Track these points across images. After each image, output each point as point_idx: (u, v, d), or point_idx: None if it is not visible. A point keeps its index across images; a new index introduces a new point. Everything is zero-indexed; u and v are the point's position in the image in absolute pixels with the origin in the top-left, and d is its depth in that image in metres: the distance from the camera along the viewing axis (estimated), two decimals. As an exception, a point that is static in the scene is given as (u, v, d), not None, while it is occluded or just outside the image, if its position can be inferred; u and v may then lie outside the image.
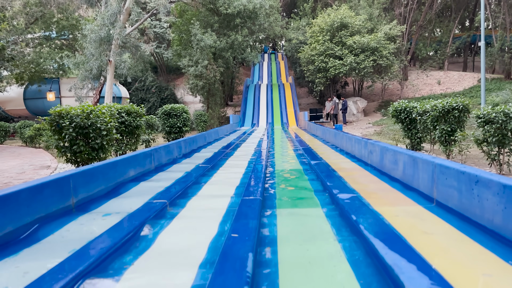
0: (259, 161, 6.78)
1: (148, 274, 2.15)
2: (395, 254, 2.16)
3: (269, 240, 2.71)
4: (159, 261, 2.34)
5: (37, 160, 10.88)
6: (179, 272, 2.15)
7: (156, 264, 2.28)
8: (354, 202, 3.45)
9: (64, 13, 23.61)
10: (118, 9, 17.65)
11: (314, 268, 2.20)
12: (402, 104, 9.32)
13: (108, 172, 4.35)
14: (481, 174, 2.76)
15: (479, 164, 7.59)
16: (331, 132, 10.07)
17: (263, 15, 23.83)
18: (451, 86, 27.55)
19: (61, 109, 6.18)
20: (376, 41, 22.18)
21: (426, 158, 3.71)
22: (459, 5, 33.53)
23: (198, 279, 2.04)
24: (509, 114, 6.00)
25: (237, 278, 1.89)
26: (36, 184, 3.03)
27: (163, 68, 34.33)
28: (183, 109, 12.83)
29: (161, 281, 2.05)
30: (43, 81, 23.53)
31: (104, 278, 2.12)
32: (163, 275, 2.13)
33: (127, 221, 3.10)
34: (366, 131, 18.26)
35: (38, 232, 2.85)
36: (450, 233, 2.69)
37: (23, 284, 1.96)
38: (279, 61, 37.24)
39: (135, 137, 8.82)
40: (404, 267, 1.98)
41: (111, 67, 17.94)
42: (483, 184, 2.71)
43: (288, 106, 24.73)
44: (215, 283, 1.87)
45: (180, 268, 2.21)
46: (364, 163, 6.07)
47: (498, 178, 2.57)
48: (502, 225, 2.46)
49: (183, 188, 4.41)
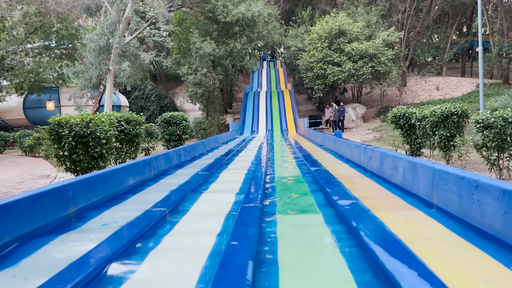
0: (259, 168, 6.77)
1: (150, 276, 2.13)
2: (396, 261, 2.15)
3: (269, 245, 2.70)
4: (161, 264, 2.33)
5: (37, 169, 10.86)
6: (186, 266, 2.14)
7: (158, 270, 2.27)
8: (354, 208, 3.44)
9: (63, 22, 23.74)
10: (118, 18, 17.75)
11: (314, 273, 2.19)
12: (401, 110, 9.34)
13: (108, 180, 4.34)
14: (480, 179, 2.76)
15: (479, 169, 7.58)
16: (331, 138, 10.07)
17: (261, 23, 23.97)
18: (450, 91, 27.63)
19: (60, 118, 6.19)
20: (374, 47, 22.29)
21: (426, 164, 3.70)
22: (456, 11, 33.73)
23: None
24: (508, 119, 6.01)
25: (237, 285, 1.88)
26: (35, 193, 3.02)
27: (162, 77, 34.43)
28: (182, 117, 12.84)
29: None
30: (43, 91, 23.58)
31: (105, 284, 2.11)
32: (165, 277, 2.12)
33: (127, 230, 3.09)
34: (366, 137, 18.27)
35: (36, 242, 2.84)
36: (451, 238, 2.68)
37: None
38: (278, 68, 37.36)
39: (135, 145, 8.82)
40: (405, 274, 1.96)
41: (110, 76, 17.99)
42: (483, 189, 2.70)
43: (288, 113, 24.77)
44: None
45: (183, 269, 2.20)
46: (363, 169, 6.06)
47: (498, 183, 2.56)
48: (503, 230, 2.45)
49: (183, 195, 4.40)
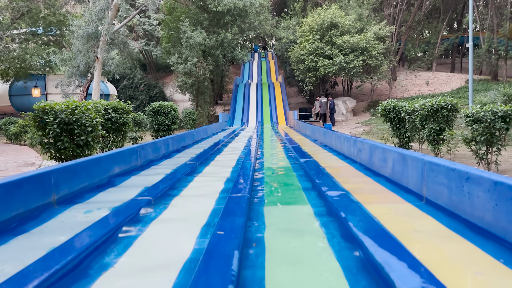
0: (248, 158, 6.70)
1: (130, 274, 2.06)
2: (385, 252, 2.10)
3: (256, 236, 2.64)
4: (144, 256, 2.25)
5: (22, 157, 10.64)
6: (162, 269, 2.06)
7: (141, 261, 2.19)
8: (343, 199, 3.39)
9: (51, 8, 23.17)
10: (106, 5, 17.39)
11: (302, 264, 2.14)
12: (391, 103, 9.33)
13: (92, 168, 4.23)
14: (471, 171, 2.72)
15: (467, 163, 7.62)
16: (320, 130, 10.04)
17: (253, 13, 23.74)
18: (439, 86, 27.80)
19: (45, 105, 6.03)
20: (365, 41, 22.26)
21: (416, 156, 3.67)
22: (447, 7, 33.85)
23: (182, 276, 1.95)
24: (497, 113, 6.02)
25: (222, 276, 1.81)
26: (15, 179, 2.91)
27: (152, 66, 34.00)
28: (171, 106, 12.67)
29: (142, 280, 1.96)
30: (29, 78, 23.10)
31: (84, 277, 2.02)
32: (146, 273, 2.04)
33: (111, 217, 3.00)
34: (355, 130, 18.31)
35: (17, 228, 2.74)
36: (440, 231, 2.65)
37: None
38: (269, 60, 37.17)
39: (122, 134, 8.67)
40: (395, 265, 1.92)
41: (98, 63, 17.67)
42: (473, 181, 2.67)
43: (278, 105, 24.68)
44: (199, 281, 1.79)
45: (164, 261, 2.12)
46: (353, 161, 6.03)
47: (489, 175, 2.53)
48: (493, 223, 2.42)
49: (170, 184, 4.31)
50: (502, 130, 6.13)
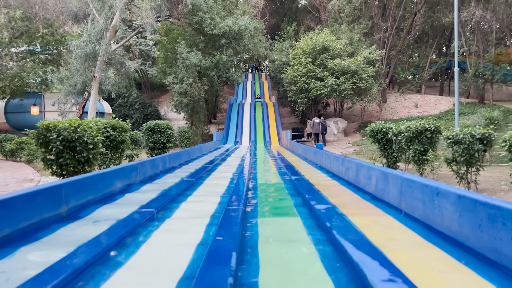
0: (242, 176, 7.02)
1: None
2: (363, 254, 2.44)
3: (251, 244, 2.96)
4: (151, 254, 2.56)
5: (19, 173, 10.85)
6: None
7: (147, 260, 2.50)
8: (330, 212, 3.73)
9: (49, 28, 23.68)
10: (105, 26, 17.90)
11: (291, 266, 2.46)
12: (379, 125, 9.77)
13: (97, 183, 4.53)
14: (441, 186, 3.09)
15: (449, 182, 8.00)
16: (312, 150, 10.42)
17: (247, 36, 24.44)
18: (428, 109, 28.53)
19: (49, 123, 6.34)
20: (356, 64, 22.97)
21: (396, 173, 4.03)
22: (436, 32, 35.00)
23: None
24: (475, 136, 6.45)
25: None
26: (32, 191, 3.22)
27: (147, 85, 34.50)
28: (167, 125, 13.03)
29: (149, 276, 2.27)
30: (25, 95, 23.37)
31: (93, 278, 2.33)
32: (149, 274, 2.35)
33: (117, 227, 3.30)
34: (346, 150, 18.75)
35: (32, 235, 3.03)
36: (415, 239, 2.99)
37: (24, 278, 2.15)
38: (262, 81, 37.89)
39: (120, 151, 8.97)
40: (369, 264, 2.25)
41: (95, 82, 18.06)
42: (442, 195, 3.03)
43: (271, 125, 25.15)
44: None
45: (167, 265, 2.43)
46: (341, 179, 6.39)
47: (455, 189, 2.89)
48: (458, 231, 2.77)
49: (169, 198, 4.62)
50: (480, 152, 6.54)
